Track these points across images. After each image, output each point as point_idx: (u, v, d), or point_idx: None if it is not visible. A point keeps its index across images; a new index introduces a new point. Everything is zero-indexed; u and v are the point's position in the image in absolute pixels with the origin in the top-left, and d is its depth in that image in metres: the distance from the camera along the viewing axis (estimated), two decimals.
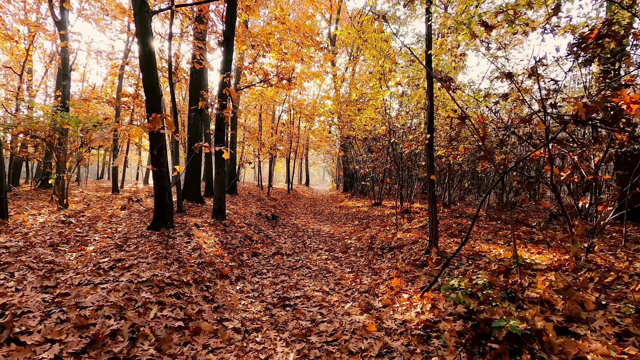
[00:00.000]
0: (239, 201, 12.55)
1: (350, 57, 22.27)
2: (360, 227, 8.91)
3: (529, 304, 2.99)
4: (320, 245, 7.20)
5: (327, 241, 7.69)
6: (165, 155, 5.96)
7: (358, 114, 10.47)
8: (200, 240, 5.68)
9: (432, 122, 5.07)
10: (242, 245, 6.19)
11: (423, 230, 6.86)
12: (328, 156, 37.91)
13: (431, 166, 5.07)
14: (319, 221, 11.00)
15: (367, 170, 12.76)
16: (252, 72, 11.89)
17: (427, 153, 5.10)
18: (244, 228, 7.54)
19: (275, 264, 5.61)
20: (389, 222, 8.58)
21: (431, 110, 5.05)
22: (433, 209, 5.05)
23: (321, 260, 5.88)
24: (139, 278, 3.64)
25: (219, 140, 7.62)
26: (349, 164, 20.28)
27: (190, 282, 3.92)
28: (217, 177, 7.65)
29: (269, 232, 8.12)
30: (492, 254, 4.69)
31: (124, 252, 4.63)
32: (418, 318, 3.25)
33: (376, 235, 7.41)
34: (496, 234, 6.07)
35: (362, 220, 9.97)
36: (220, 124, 7.60)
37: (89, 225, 6.62)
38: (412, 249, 5.61)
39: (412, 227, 7.33)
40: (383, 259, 5.60)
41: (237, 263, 5.16)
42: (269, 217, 9.81)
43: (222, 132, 7.64)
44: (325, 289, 4.35)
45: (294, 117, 23.38)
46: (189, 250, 5.07)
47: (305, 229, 9.32)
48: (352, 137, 13.15)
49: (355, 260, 5.78)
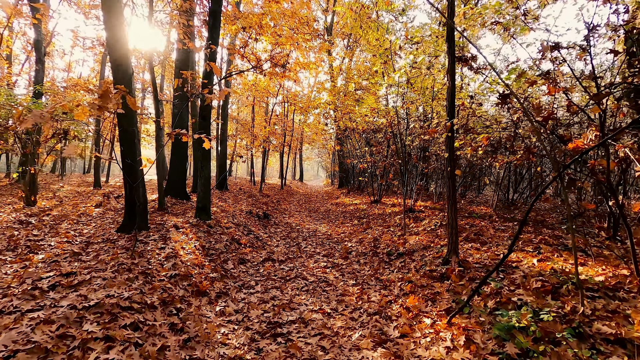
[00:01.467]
0: (229, 198, 11.67)
1: (347, 47, 21.36)
2: (360, 228, 8.13)
3: (607, 346, 2.22)
4: (317, 249, 6.40)
5: (325, 244, 6.90)
6: (136, 145, 5.08)
7: (358, 104, 9.65)
8: (177, 246, 4.83)
9: (454, 105, 4.27)
10: (227, 251, 5.35)
11: (433, 233, 6.10)
12: (323, 151, 37.04)
13: (452, 159, 4.28)
14: (314, 220, 10.20)
15: (365, 165, 11.98)
16: (244, 58, 10.98)
17: (447, 143, 4.30)
18: (232, 229, 6.70)
19: (265, 273, 4.79)
20: (392, 222, 7.81)
21: (452, 93, 4.25)
22: (453, 210, 4.27)
23: (319, 269, 5.08)
24: (86, 301, 2.80)
25: (203, 129, 6.73)
26: (345, 158, 19.46)
27: (156, 303, 3.08)
28: (201, 171, 6.78)
29: (259, 233, 7.29)
30: (524, 265, 3.93)
31: (79, 263, 3.76)
32: (450, 358, 2.47)
33: (380, 238, 6.63)
34: (518, 237, 5.33)
35: (361, 219, 9.19)
36: (205, 111, 6.71)
37: (50, 227, 5.73)
38: (425, 256, 4.84)
39: (421, 229, 6.57)
40: (391, 268, 4.81)
41: (219, 274, 4.33)
42: (260, 216, 8.98)
43: (207, 121, 6.75)
44: (326, 309, 3.55)
45: (288, 110, 22.46)
46: (162, 258, 4.22)
47: (300, 229, 8.50)
48: (350, 130, 12.34)
49: (359, 269, 4.99)
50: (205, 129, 6.72)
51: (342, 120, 14.20)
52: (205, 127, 6.72)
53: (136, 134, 5.10)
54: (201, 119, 6.75)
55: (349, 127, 12.29)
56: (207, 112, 6.71)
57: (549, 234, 5.49)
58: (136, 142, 5.12)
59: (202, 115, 6.73)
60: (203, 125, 6.73)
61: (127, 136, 5.00)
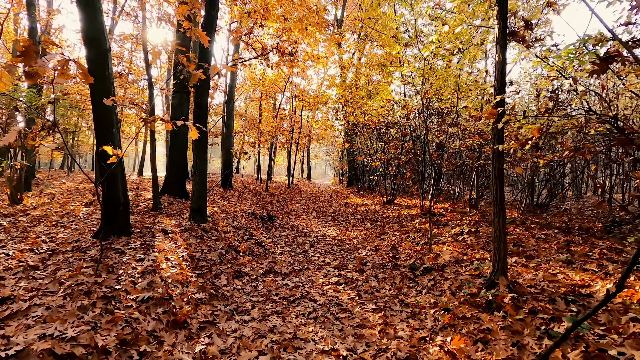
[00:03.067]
0: (232, 197, 10.90)
1: (358, 40, 20.38)
2: (374, 232, 7.25)
3: None
4: (326, 258, 5.55)
5: (335, 251, 6.04)
6: (114, 134, 4.28)
7: (373, 95, 8.76)
8: (160, 256, 4.02)
9: (504, 85, 3.36)
10: (221, 261, 4.53)
11: (462, 242, 5.20)
12: (331, 149, 36.17)
13: (500, 153, 3.38)
14: (323, 222, 9.35)
15: (377, 163, 11.09)
16: (248, 47, 10.18)
17: (494, 135, 3.40)
18: (230, 234, 5.89)
19: (265, 291, 3.95)
20: (411, 227, 6.92)
21: (502, 68, 3.34)
22: (501, 219, 3.37)
23: (330, 285, 4.22)
24: (6, 347, 1.99)
25: (198, 119, 5.93)
26: (354, 156, 18.56)
27: (112, 345, 2.27)
28: (195, 167, 5.98)
29: (261, 238, 6.47)
30: (596, 291, 3.03)
31: (27, 282, 2.98)
32: None
33: (398, 246, 5.75)
34: (569, 249, 4.40)
35: (374, 222, 8.30)
36: (201, 98, 5.89)
37: (22, 230, 4.99)
38: (459, 273, 3.95)
39: (447, 237, 5.67)
40: (418, 287, 3.94)
41: (207, 293, 3.51)
42: (263, 218, 8.16)
43: (202, 109, 5.94)
44: (341, 350, 2.70)
45: (296, 106, 21.63)
46: (137, 274, 3.41)
47: (307, 233, 7.66)
48: (362, 125, 11.44)
49: (378, 287, 4.12)
50: (201, 119, 5.91)
51: (352, 115, 13.31)
52: (201, 117, 5.91)
53: (114, 122, 4.31)
54: (196, 108, 5.94)
55: (361, 122, 11.39)
56: (203, 100, 5.90)
57: (606, 246, 4.54)
58: (114, 131, 4.33)
59: (198, 103, 5.92)
60: (198, 115, 5.92)
61: (102, 122, 4.21)
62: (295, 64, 10.05)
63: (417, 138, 9.70)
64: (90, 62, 4.14)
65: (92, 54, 4.07)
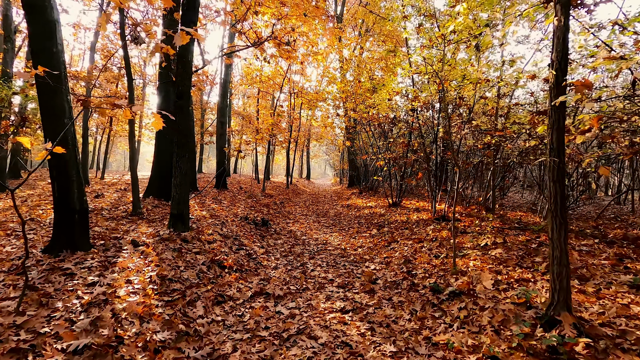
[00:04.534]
0: (225, 198, 10.07)
1: (359, 35, 19.54)
2: (382, 240, 6.42)
3: None
4: (329, 274, 4.71)
5: (339, 264, 5.21)
6: (67, 126, 3.45)
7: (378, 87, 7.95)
8: (120, 279, 3.19)
9: (566, 61, 2.54)
10: (200, 282, 3.69)
11: (489, 256, 4.37)
12: (331, 148, 35.35)
13: (563, 150, 2.56)
14: (323, 227, 8.51)
15: (382, 162, 10.27)
16: (242, 36, 9.35)
17: (553, 125, 2.57)
18: (216, 244, 5.05)
19: (251, 324, 3.12)
20: (424, 235, 6.09)
21: (564, 40, 2.52)
22: (562, 234, 2.54)
23: (333, 312, 3.39)
24: None
25: (180, 111, 5.08)
26: (356, 155, 17.73)
27: None
28: (176, 166, 5.14)
29: (254, 247, 5.63)
30: None
31: None
32: None
33: (412, 259, 4.93)
34: (626, 267, 3.58)
35: (381, 228, 7.48)
36: (182, 86, 5.04)
37: None
38: (498, 300, 3.12)
39: (470, 248, 4.84)
40: (446, 317, 3.11)
41: (174, 332, 2.67)
42: (257, 223, 7.32)
43: (184, 100, 5.09)
44: None
45: (295, 104, 20.77)
46: (80, 307, 2.58)
47: (306, 241, 6.83)
48: (365, 122, 10.61)
49: (394, 316, 3.29)
50: (182, 110, 5.07)
51: (354, 111, 12.49)
52: (182, 108, 5.07)
53: (65, 110, 3.47)
54: (176, 98, 5.10)
55: (364, 118, 10.57)
56: (185, 88, 5.05)
57: None
58: (67, 121, 3.49)
59: (179, 92, 5.08)
60: (179, 105, 5.08)
61: (50, 111, 3.38)
62: (292, 55, 9.22)
63: (427, 134, 8.88)
64: (33, 37, 3.30)
65: (34, 25, 3.24)
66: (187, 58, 5.02)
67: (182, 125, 5.08)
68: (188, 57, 5.03)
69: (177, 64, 5.02)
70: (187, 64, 5.01)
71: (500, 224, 6.24)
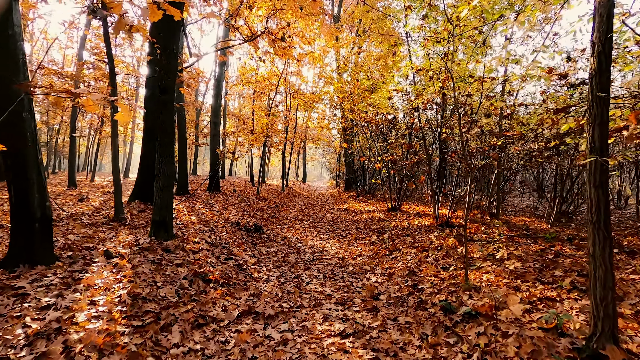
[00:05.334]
0: (218, 202, 9.60)
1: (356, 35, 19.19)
2: (383, 249, 5.99)
3: None
4: (326, 287, 4.27)
5: (337, 276, 4.76)
6: (26, 122, 2.99)
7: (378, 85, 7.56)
8: (82, 299, 2.72)
9: (611, 48, 2.14)
10: (179, 300, 3.23)
11: (507, 270, 3.95)
12: (327, 150, 34.97)
13: (605, 148, 2.15)
14: (320, 233, 8.07)
15: (381, 165, 9.87)
16: (235, 31, 8.93)
17: (594, 119, 2.16)
18: (202, 253, 4.59)
19: (236, 353, 2.65)
20: (428, 243, 5.67)
21: (609, 13, 2.12)
22: (607, 250, 2.13)
23: (332, 337, 2.94)
24: None
25: (164, 107, 4.63)
26: (353, 157, 17.32)
27: None
28: (159, 168, 4.68)
29: (244, 257, 5.17)
30: None
31: None
32: None
33: (417, 270, 4.50)
34: None
35: (381, 234, 7.05)
36: (166, 79, 4.58)
37: None
38: (522, 325, 2.70)
39: (478, 258, 4.42)
40: (462, 345, 2.67)
41: None
42: (249, 229, 6.86)
43: (168, 94, 4.64)
44: None
45: (291, 105, 20.33)
46: (23, 339, 2.11)
47: (302, 249, 6.37)
48: (364, 122, 10.20)
49: (402, 341, 2.85)
50: (166, 106, 4.61)
51: (351, 112, 12.08)
52: (166, 104, 4.61)
53: (25, 105, 3.00)
54: (160, 93, 4.65)
55: (363, 118, 10.16)
56: (169, 81, 4.59)
57: None
58: (26, 116, 3.02)
59: (162, 87, 4.62)
60: (162, 102, 4.62)
61: (6, 103, 2.91)
62: (288, 52, 8.80)
63: (428, 135, 8.49)
64: None
65: None
66: (172, 49, 4.57)
67: (166, 123, 4.62)
68: (172, 48, 4.59)
69: (160, 56, 4.57)
70: (171, 56, 4.56)
71: (507, 231, 5.84)
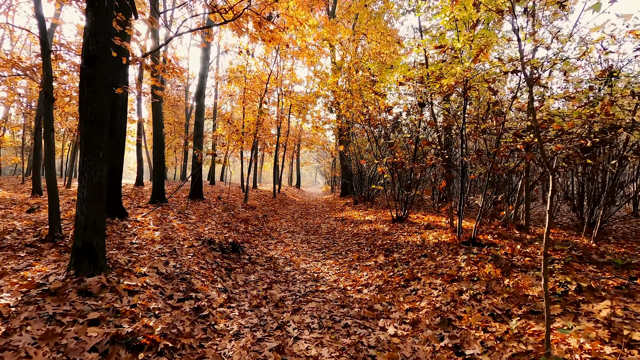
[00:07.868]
0: (196, 211, 8.18)
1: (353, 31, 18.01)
2: (395, 275, 4.62)
3: None
4: (322, 347, 2.87)
5: (338, 322, 3.36)
6: None
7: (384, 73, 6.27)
8: None
9: None
10: None
11: (589, 318, 2.61)
12: (322, 154, 33.63)
13: None
14: (314, 250, 6.67)
15: (385, 169, 8.55)
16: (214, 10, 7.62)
17: None
18: (144, 293, 3.16)
19: None
20: (455, 269, 4.31)
21: None
22: None
23: None
24: None
25: (90, 85, 3.24)
26: (349, 161, 15.99)
27: None
28: (82, 172, 3.27)
29: (209, 293, 3.75)
30: None
31: None
32: None
33: (453, 316, 3.13)
34: None
35: (389, 253, 5.68)
36: (95, 46, 3.20)
37: None
38: None
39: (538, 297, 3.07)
40: None
41: None
42: (225, 249, 5.43)
43: (96, 66, 3.25)
44: None
45: (283, 108, 18.97)
46: None
47: (291, 275, 4.97)
48: (365, 117, 8.88)
49: None
50: (92, 85, 3.21)
51: (348, 111, 10.78)
52: (92, 80, 3.21)
53: None
54: (84, 64, 3.25)
55: (363, 114, 8.85)
56: (98, 51, 3.20)
57: None
58: None
59: (87, 56, 3.23)
60: (87, 76, 3.22)
61: None
62: (276, 35, 7.46)
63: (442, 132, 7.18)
64: None
65: None
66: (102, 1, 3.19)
67: (92, 107, 3.22)
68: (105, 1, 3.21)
69: (86, 9, 3.19)
70: (101, 9, 3.17)
71: (550, 251, 4.53)
